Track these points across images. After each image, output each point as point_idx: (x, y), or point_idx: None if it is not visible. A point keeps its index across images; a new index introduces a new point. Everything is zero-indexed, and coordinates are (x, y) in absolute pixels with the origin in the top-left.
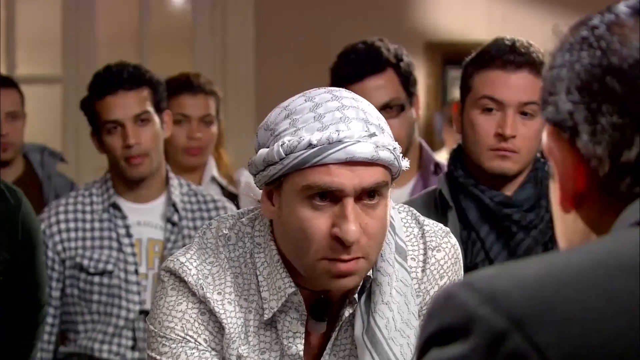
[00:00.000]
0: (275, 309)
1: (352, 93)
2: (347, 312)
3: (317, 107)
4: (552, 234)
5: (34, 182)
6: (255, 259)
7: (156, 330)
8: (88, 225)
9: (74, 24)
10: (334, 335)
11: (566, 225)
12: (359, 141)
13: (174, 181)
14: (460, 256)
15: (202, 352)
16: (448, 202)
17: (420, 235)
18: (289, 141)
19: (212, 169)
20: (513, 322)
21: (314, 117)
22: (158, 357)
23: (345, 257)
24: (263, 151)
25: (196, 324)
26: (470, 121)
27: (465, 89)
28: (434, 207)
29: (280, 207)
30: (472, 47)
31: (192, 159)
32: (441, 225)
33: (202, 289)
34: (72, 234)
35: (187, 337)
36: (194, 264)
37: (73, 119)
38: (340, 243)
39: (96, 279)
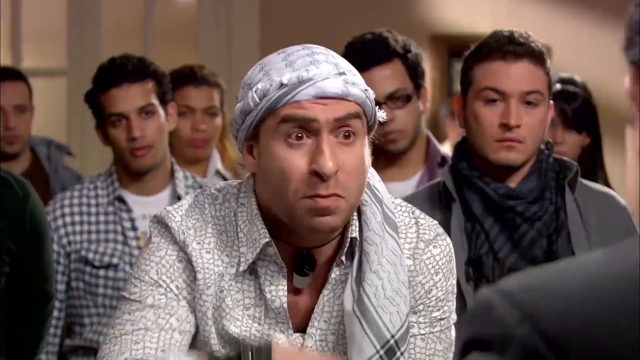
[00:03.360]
0: (251, 260)
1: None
2: (335, 273)
3: (289, 56)
4: (557, 225)
5: (40, 176)
6: (237, 218)
7: (133, 273)
8: (93, 219)
9: (79, 17)
10: (321, 297)
11: None
12: (328, 78)
13: (179, 174)
14: (454, 255)
15: (170, 299)
16: (452, 194)
17: (412, 224)
18: (261, 86)
19: (217, 162)
20: (551, 345)
21: (286, 64)
22: (127, 296)
23: (324, 192)
24: (240, 104)
25: (172, 270)
26: (474, 114)
27: (467, 82)
28: (438, 199)
29: (259, 155)
30: (478, 39)
31: (197, 151)
32: (436, 221)
33: (184, 234)
34: (78, 227)
35: (160, 282)
36: (179, 213)
37: (78, 111)
38: (318, 177)
39: (101, 272)
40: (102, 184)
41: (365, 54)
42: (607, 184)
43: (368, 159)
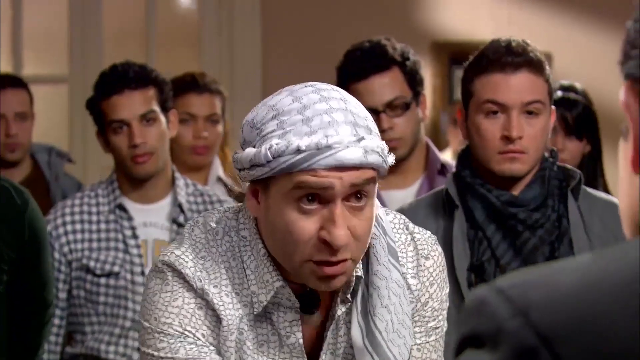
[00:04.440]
0: (265, 303)
1: (340, 91)
2: (340, 310)
3: (305, 109)
4: (559, 233)
5: (41, 183)
6: (242, 253)
7: (152, 327)
8: (94, 227)
9: (80, 23)
10: (328, 334)
11: (633, 188)
12: (348, 147)
13: (180, 181)
14: (445, 264)
15: (200, 347)
16: (455, 201)
17: (409, 241)
18: (277, 144)
19: (218, 169)
20: (542, 339)
21: (302, 121)
22: (155, 354)
23: (333, 259)
24: (250, 151)
25: (194, 319)
26: (476, 126)
27: (467, 94)
28: (441, 207)
29: (267, 207)
30: (479, 46)
31: (198, 158)
32: (429, 232)
33: (200, 281)
34: (79, 236)
35: (186, 332)
36: (190, 257)
37: (79, 118)
38: (327, 246)
39: (102, 280)
40: (103, 191)
41: (363, 62)
42: (607, 191)
43: (375, 215)
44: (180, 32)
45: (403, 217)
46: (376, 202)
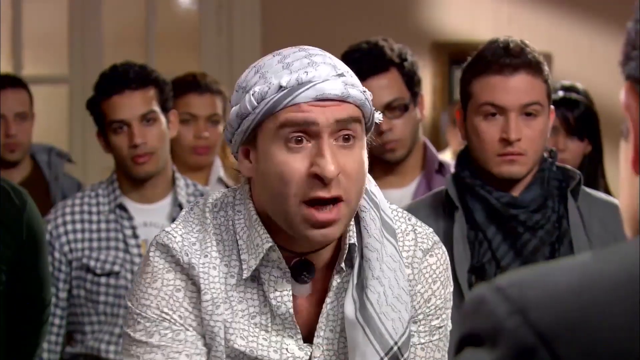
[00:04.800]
0: (254, 266)
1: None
2: (336, 281)
3: (285, 58)
4: (559, 234)
5: (41, 183)
6: (235, 225)
7: (133, 308)
8: (94, 227)
9: (80, 23)
10: (325, 306)
11: (633, 188)
12: (328, 79)
13: (180, 181)
14: (449, 262)
15: (176, 332)
16: (455, 202)
17: (409, 231)
18: (259, 89)
19: (219, 170)
20: (541, 337)
21: (282, 66)
22: (132, 334)
23: (326, 194)
24: (236, 107)
25: (171, 301)
26: (474, 128)
27: (466, 96)
28: (441, 208)
29: (257, 160)
30: (479, 47)
31: (199, 158)
32: (432, 229)
33: (187, 255)
34: (79, 235)
35: (163, 315)
36: (180, 232)
37: (79, 119)
38: (319, 180)
39: (103, 280)
40: (103, 191)
41: (361, 63)
42: (608, 192)
43: (366, 162)
44: (180, 33)
45: (408, 213)
46: (366, 154)
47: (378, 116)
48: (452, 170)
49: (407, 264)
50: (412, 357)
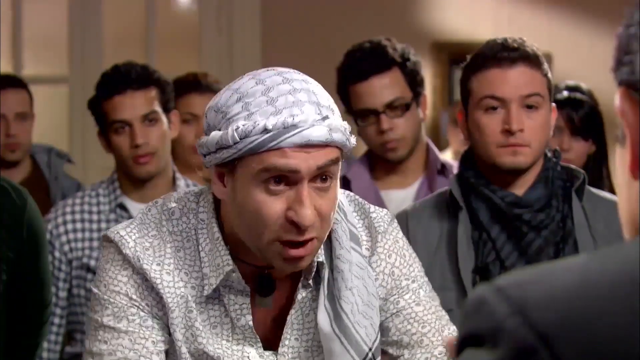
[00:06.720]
0: (215, 285)
1: (301, 74)
2: (301, 294)
3: (269, 90)
4: (563, 233)
5: (40, 183)
6: (198, 235)
7: (101, 293)
8: (95, 226)
9: (81, 24)
10: (289, 318)
11: (632, 193)
12: (314, 125)
13: (181, 182)
14: (404, 237)
15: (143, 318)
16: (459, 202)
17: (367, 224)
18: (243, 125)
19: None
20: (541, 338)
21: (267, 101)
22: (99, 320)
23: (300, 238)
24: (216, 134)
25: (141, 289)
26: (476, 123)
27: (466, 93)
28: (445, 208)
29: (233, 189)
30: (479, 47)
31: (201, 158)
32: (386, 210)
33: (139, 261)
34: (79, 235)
35: (132, 301)
36: (133, 237)
37: (80, 119)
38: (295, 226)
39: None
40: (103, 191)
41: (364, 63)
42: (613, 192)
43: (338, 192)
44: (180, 33)
45: (358, 197)
46: (338, 184)
47: (353, 141)
48: (454, 171)
49: (368, 248)
50: (412, 315)
